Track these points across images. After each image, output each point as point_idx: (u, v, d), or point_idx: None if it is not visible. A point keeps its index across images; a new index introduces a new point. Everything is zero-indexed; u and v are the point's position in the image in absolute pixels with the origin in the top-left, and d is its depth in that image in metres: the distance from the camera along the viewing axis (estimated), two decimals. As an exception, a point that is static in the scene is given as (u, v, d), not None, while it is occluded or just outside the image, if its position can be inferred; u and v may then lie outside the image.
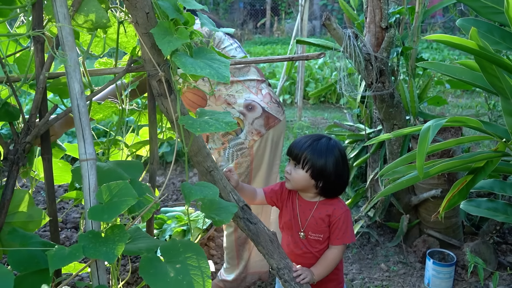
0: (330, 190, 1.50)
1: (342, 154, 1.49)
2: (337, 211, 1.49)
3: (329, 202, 1.52)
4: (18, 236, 1.04)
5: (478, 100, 5.61)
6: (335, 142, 1.50)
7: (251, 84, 1.99)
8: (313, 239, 1.53)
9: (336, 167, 1.46)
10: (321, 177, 1.46)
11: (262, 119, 1.95)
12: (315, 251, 1.54)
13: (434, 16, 10.73)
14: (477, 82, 1.52)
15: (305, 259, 1.56)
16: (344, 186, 1.54)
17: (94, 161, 1.06)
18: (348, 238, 1.49)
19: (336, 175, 1.47)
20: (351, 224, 1.51)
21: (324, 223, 1.50)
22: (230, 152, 1.96)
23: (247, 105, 1.94)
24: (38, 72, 1.08)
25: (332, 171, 1.45)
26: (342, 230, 1.49)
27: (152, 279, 0.96)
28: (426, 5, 2.50)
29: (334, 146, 1.48)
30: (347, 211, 1.51)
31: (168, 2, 1.14)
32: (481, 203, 1.71)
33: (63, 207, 3.04)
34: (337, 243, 1.49)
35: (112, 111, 1.46)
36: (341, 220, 1.48)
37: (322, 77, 6.29)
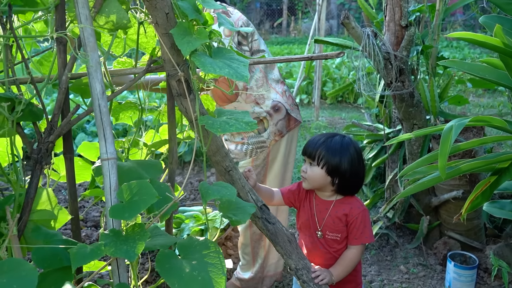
0: (346, 187, 1.50)
1: (358, 151, 1.49)
2: (354, 210, 1.49)
3: (346, 201, 1.52)
4: (41, 233, 1.06)
5: (501, 100, 5.49)
6: (350, 139, 1.51)
7: (277, 86, 2.04)
8: (330, 238, 1.52)
9: (352, 164, 1.46)
10: (337, 173, 1.47)
11: (284, 120, 2.01)
12: (333, 251, 1.53)
13: (454, 14, 10.54)
14: (502, 81, 1.48)
15: (323, 260, 1.55)
16: (360, 183, 1.53)
17: (115, 160, 1.08)
18: (367, 238, 1.48)
19: (352, 172, 1.47)
20: (369, 224, 1.50)
21: (342, 222, 1.50)
22: (249, 148, 2.00)
23: (274, 106, 1.99)
24: (61, 73, 1.10)
25: (347, 168, 1.46)
26: (360, 230, 1.48)
27: (167, 273, 0.96)
28: (447, 2, 2.45)
29: (349, 143, 1.49)
30: (365, 211, 1.50)
31: (187, 2, 1.14)
32: (505, 204, 1.67)
33: (83, 206, 3.10)
34: (356, 243, 1.48)
35: (132, 111, 1.48)
36: (359, 220, 1.48)
37: (339, 76, 6.24)
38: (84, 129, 4.13)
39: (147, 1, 1.09)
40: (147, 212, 1.17)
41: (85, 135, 3.99)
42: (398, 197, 1.77)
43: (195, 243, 1.09)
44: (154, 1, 1.08)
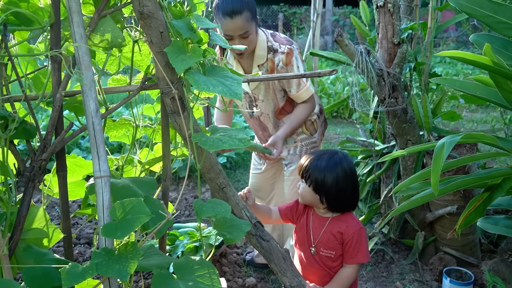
0: (336, 204, 1.51)
1: (346, 169, 1.48)
2: (350, 228, 1.48)
3: (342, 218, 1.52)
4: (32, 253, 1.05)
5: (494, 115, 5.54)
6: (340, 157, 1.50)
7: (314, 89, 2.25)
8: (324, 255, 1.52)
9: (337, 182, 1.46)
10: (322, 191, 1.48)
11: (325, 122, 2.31)
12: (328, 268, 1.52)
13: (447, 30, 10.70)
14: (492, 98, 1.50)
15: (318, 276, 1.54)
16: (352, 201, 1.53)
17: (108, 178, 1.07)
18: (363, 257, 1.47)
19: (338, 190, 1.47)
20: (365, 243, 1.49)
21: (336, 240, 1.49)
22: (303, 150, 2.23)
23: (320, 109, 2.26)
24: (55, 91, 1.10)
25: (332, 186, 1.46)
26: (356, 249, 1.47)
27: (164, 296, 0.95)
28: (438, 20, 2.49)
29: (338, 161, 1.48)
30: (361, 229, 1.49)
31: (182, 21, 1.16)
32: (499, 220, 1.67)
33: (77, 223, 3.07)
34: (351, 262, 1.47)
35: (126, 128, 1.48)
36: (355, 239, 1.47)
37: (334, 92, 6.28)
38: (79, 144, 4.12)
39: (141, 20, 1.10)
40: (142, 230, 1.17)
41: (80, 150, 3.97)
42: (392, 213, 1.77)
43: (191, 263, 1.08)
44: (149, 20, 1.10)
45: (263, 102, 2.16)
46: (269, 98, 2.15)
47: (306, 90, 2.08)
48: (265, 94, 2.13)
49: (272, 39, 2.04)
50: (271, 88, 2.11)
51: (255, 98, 2.16)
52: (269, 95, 2.13)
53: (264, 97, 2.14)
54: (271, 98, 2.15)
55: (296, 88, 2.06)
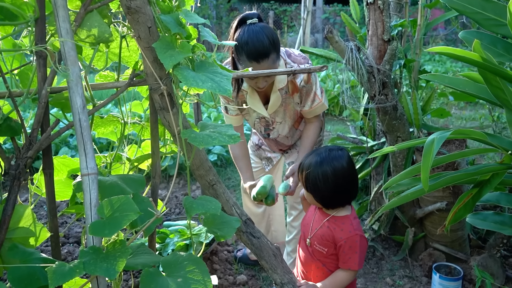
0: (329, 202, 1.51)
1: (336, 166, 1.47)
2: (344, 233, 1.47)
3: (341, 220, 1.51)
4: (18, 252, 1.03)
5: (482, 112, 5.59)
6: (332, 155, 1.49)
7: None
8: (317, 249, 1.53)
9: (325, 180, 1.46)
10: (313, 190, 1.49)
11: (324, 118, 2.25)
12: (321, 263, 1.52)
13: (436, 28, 10.78)
14: (481, 94, 1.51)
15: (311, 269, 1.54)
16: (344, 197, 1.52)
17: (96, 175, 1.06)
18: (354, 264, 1.45)
19: (327, 188, 1.47)
20: (360, 251, 1.46)
21: (330, 239, 1.49)
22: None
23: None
24: (40, 87, 1.08)
25: (320, 183, 1.46)
26: (348, 255, 1.46)
27: (153, 294, 0.94)
28: (428, 17, 2.50)
29: (326, 158, 1.48)
30: (356, 236, 1.46)
31: (170, 16, 1.14)
32: (488, 216, 1.68)
33: (66, 221, 3.03)
34: (344, 267, 1.48)
35: (114, 125, 1.46)
36: (347, 244, 1.46)
37: (325, 89, 6.29)
38: (67, 143, 4.06)
39: (129, 15, 1.09)
40: (130, 228, 1.15)
41: (68, 149, 3.92)
42: (382, 209, 1.78)
43: (179, 259, 1.07)
44: (137, 15, 1.08)
45: (280, 124, 2.11)
46: (287, 118, 2.10)
47: (321, 106, 2.02)
48: (283, 116, 2.08)
49: (290, 60, 1.95)
50: (289, 109, 2.06)
51: (273, 121, 2.10)
52: (287, 116, 2.08)
53: (282, 119, 2.10)
54: (288, 117, 2.09)
55: (311, 103, 2.00)
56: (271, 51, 1.72)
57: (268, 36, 1.71)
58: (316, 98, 2.00)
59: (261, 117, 2.09)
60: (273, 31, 1.78)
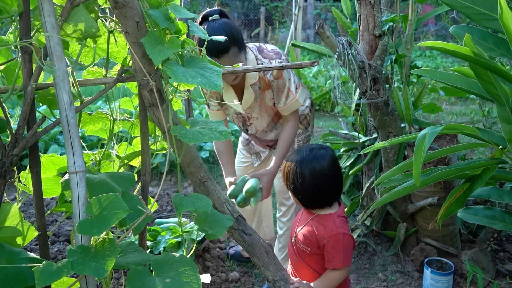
0: (311, 203, 1.51)
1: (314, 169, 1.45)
2: (326, 232, 1.45)
3: (324, 219, 1.49)
4: (4, 252, 1.01)
5: (473, 107, 5.63)
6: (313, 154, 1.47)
7: (301, 82, 2.18)
8: (301, 248, 1.53)
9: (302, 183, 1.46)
10: (293, 190, 1.50)
11: (313, 113, 2.28)
12: (305, 263, 1.52)
13: (426, 24, 10.83)
14: (472, 89, 1.51)
15: (299, 267, 1.54)
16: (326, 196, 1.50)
17: (84, 173, 1.04)
18: (339, 263, 1.43)
19: (305, 188, 1.46)
20: (344, 249, 1.43)
21: (313, 238, 1.48)
22: (300, 144, 2.23)
23: (311, 102, 2.26)
24: (26, 83, 1.06)
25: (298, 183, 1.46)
26: (331, 254, 1.44)
27: (138, 292, 0.93)
28: (419, 13, 2.50)
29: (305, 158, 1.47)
30: (338, 234, 1.44)
31: (159, 11, 1.12)
32: (479, 211, 1.69)
33: (56, 220, 3.00)
34: (328, 267, 1.46)
35: (103, 123, 1.44)
36: (330, 243, 1.44)
37: (316, 85, 6.29)
38: (57, 140, 4.02)
39: (116, 9, 1.07)
40: (120, 226, 1.13)
41: (58, 146, 3.88)
42: (374, 205, 1.78)
43: (170, 259, 1.05)
44: (124, 9, 1.06)
45: (257, 120, 2.11)
46: (263, 114, 2.09)
47: (295, 102, 2.00)
48: (259, 112, 2.08)
49: (261, 56, 1.96)
50: (264, 104, 2.06)
51: (249, 117, 2.11)
52: (263, 111, 2.08)
53: (258, 115, 2.09)
54: (265, 112, 2.09)
55: (285, 100, 1.99)
56: (231, 46, 1.78)
57: (227, 32, 1.76)
58: (290, 94, 1.99)
59: (237, 113, 2.10)
60: (233, 26, 1.83)
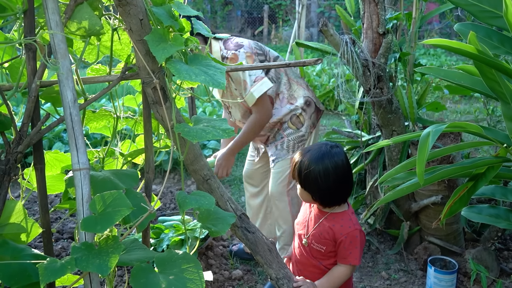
0: (328, 201, 1.50)
1: (329, 163, 1.45)
2: (344, 229, 1.47)
3: (339, 216, 1.51)
4: (9, 248, 1.02)
5: (477, 106, 5.61)
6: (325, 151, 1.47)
7: (301, 81, 2.22)
8: (315, 248, 1.52)
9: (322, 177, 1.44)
10: (310, 189, 1.48)
11: (315, 113, 2.22)
12: (317, 261, 1.51)
13: (430, 22, 10.78)
14: (476, 87, 1.50)
15: (307, 267, 1.53)
16: (342, 194, 1.51)
17: (87, 170, 1.04)
18: (355, 259, 1.46)
19: (325, 186, 1.45)
20: (360, 246, 1.47)
21: (329, 236, 1.49)
22: (291, 144, 2.19)
23: (306, 101, 2.19)
24: (30, 81, 1.06)
25: (317, 182, 1.45)
26: (348, 250, 1.46)
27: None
28: (423, 10, 2.49)
29: (321, 156, 1.46)
30: (356, 231, 1.46)
31: (162, 8, 1.12)
32: (483, 209, 1.68)
33: (60, 217, 3.01)
34: (343, 262, 1.48)
35: (107, 120, 1.44)
36: (348, 240, 1.46)
37: (320, 84, 6.28)
38: (61, 138, 4.03)
39: (120, 7, 1.07)
40: (123, 223, 1.14)
41: (62, 144, 3.89)
42: (377, 204, 1.77)
43: (174, 257, 1.06)
44: (128, 7, 1.06)
45: (233, 109, 2.16)
46: (236, 104, 2.13)
47: (250, 95, 2.00)
48: (232, 101, 2.12)
49: (224, 47, 2.00)
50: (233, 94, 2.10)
51: (227, 106, 2.17)
52: (236, 102, 2.12)
53: (233, 104, 2.13)
54: (237, 104, 2.13)
55: (244, 92, 2.00)
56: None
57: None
58: (247, 87, 1.99)
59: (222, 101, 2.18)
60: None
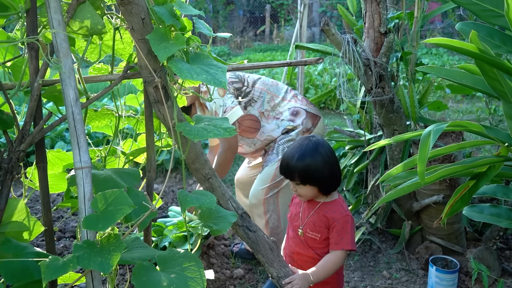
0: (329, 188, 1.55)
1: (324, 153, 1.50)
2: (337, 214, 1.51)
3: (332, 204, 1.55)
4: (11, 246, 1.02)
5: (479, 105, 5.59)
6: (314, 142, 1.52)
7: (287, 95, 2.31)
8: (310, 237, 1.55)
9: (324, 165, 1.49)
10: (314, 181, 1.51)
11: (308, 119, 2.27)
12: (313, 250, 1.55)
13: (433, 22, 10.76)
14: (478, 86, 1.50)
15: (303, 257, 1.56)
16: (338, 181, 1.56)
17: (89, 169, 1.05)
18: (348, 244, 1.48)
19: (328, 175, 1.50)
20: (351, 231, 1.50)
21: (323, 224, 1.52)
22: (280, 149, 2.25)
23: (292, 112, 2.26)
24: (33, 79, 1.07)
25: (321, 171, 1.49)
26: (340, 235, 1.49)
27: (143, 286, 0.93)
28: (425, 10, 2.49)
29: (314, 147, 1.50)
30: (347, 216, 1.51)
31: (164, 8, 1.13)
32: (484, 208, 1.68)
33: (62, 216, 3.02)
34: (336, 248, 1.50)
35: (109, 119, 1.45)
36: (340, 225, 1.49)
37: (321, 83, 6.28)
38: (63, 137, 4.04)
39: (122, 6, 1.07)
40: (125, 221, 1.14)
41: (64, 143, 3.90)
42: (379, 203, 1.77)
43: (175, 255, 1.06)
44: (130, 6, 1.07)
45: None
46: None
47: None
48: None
49: None
50: None
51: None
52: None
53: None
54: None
55: None
56: None
57: None
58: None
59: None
60: None
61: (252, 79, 2.30)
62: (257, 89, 2.25)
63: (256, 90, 2.25)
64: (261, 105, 2.26)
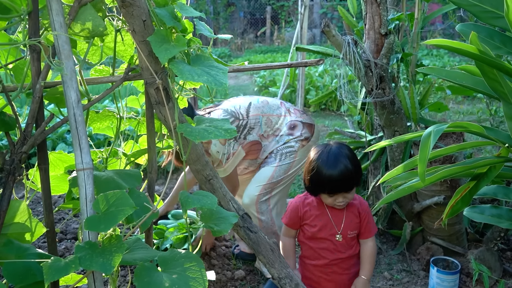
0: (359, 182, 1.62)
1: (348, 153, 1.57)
2: (363, 205, 1.63)
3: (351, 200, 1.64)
4: (13, 247, 1.03)
5: (480, 106, 5.59)
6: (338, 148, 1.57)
7: (280, 111, 2.35)
8: (350, 237, 1.63)
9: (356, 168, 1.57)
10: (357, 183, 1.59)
11: (306, 129, 2.31)
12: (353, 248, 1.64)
13: (433, 23, 10.77)
14: (478, 87, 1.51)
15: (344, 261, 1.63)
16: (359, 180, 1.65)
17: (91, 170, 1.05)
18: (375, 227, 1.64)
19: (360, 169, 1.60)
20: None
21: (357, 219, 1.62)
22: (278, 154, 2.28)
23: (289, 126, 2.30)
24: (35, 81, 1.07)
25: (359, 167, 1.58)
26: (372, 222, 1.64)
27: (145, 287, 0.94)
28: (425, 11, 2.49)
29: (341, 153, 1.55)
30: (364, 201, 1.66)
31: (165, 10, 1.13)
32: (485, 209, 1.68)
33: (63, 218, 3.02)
34: (371, 236, 1.63)
35: (110, 121, 1.45)
36: (369, 213, 1.63)
37: (322, 84, 6.28)
38: (64, 139, 4.05)
39: (123, 8, 1.08)
40: (126, 222, 1.15)
41: (65, 145, 3.91)
42: (379, 203, 1.77)
43: (177, 256, 1.07)
44: (131, 8, 1.07)
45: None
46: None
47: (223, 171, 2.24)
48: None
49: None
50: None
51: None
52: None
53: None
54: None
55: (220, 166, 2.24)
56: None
57: None
58: (222, 164, 2.22)
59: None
60: None
61: (244, 108, 2.31)
62: (252, 117, 2.28)
63: (251, 119, 2.28)
64: (259, 129, 2.30)
